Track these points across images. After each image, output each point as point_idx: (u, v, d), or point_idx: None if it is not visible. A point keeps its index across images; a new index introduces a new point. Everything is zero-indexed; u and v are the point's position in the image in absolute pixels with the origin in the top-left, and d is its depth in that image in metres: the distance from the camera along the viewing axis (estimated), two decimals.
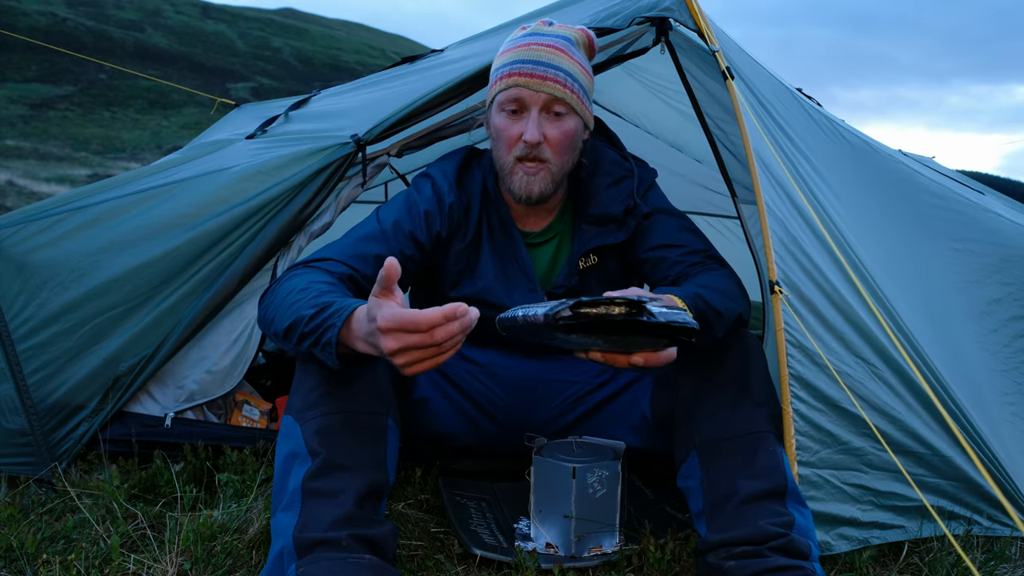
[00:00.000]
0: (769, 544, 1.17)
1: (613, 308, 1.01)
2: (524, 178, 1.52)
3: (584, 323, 1.01)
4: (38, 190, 13.47)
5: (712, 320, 1.29)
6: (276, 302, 1.28)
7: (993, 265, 2.11)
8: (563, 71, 1.49)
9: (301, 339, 1.18)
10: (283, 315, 1.24)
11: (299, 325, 1.18)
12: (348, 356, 1.15)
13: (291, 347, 1.23)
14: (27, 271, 1.75)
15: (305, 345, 1.18)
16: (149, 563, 1.35)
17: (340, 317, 1.12)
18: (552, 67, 1.48)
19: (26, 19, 34.29)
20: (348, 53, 50.05)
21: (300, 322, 1.18)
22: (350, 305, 1.13)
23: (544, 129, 1.49)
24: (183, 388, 1.87)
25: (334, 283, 1.33)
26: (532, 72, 1.48)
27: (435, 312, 0.97)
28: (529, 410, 1.68)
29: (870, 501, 1.44)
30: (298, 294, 1.25)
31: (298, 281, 1.30)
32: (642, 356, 1.14)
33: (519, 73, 1.49)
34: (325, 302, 1.18)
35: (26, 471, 1.71)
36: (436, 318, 0.97)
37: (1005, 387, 1.91)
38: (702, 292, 1.31)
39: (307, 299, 1.21)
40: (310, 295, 1.22)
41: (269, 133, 2.19)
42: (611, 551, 1.43)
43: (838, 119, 2.35)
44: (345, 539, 1.12)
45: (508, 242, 1.64)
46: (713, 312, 1.29)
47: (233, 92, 30.03)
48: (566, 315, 1.01)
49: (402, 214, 1.55)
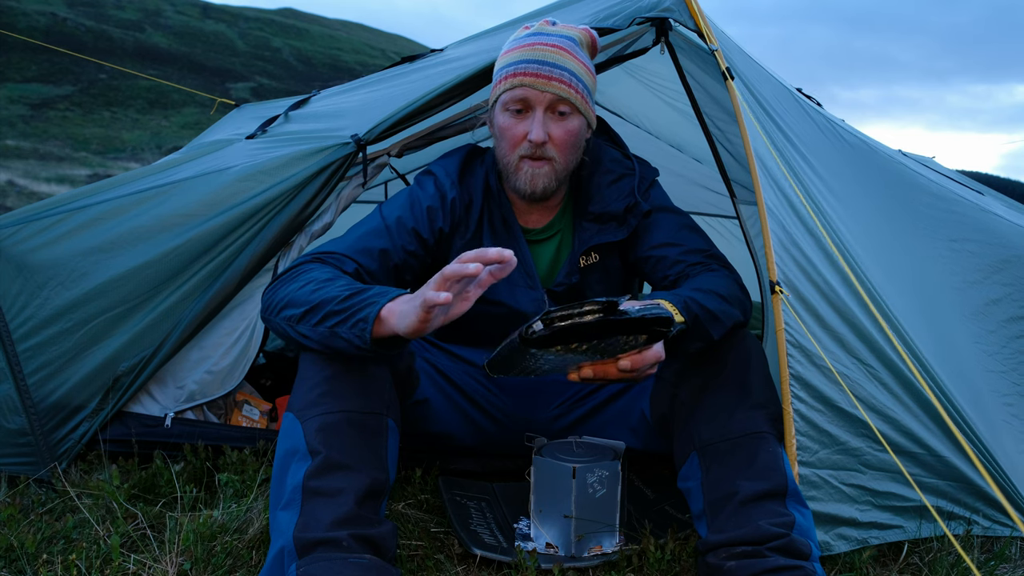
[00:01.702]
0: (769, 544, 1.17)
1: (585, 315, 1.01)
2: (529, 172, 1.53)
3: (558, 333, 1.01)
4: (38, 190, 13.47)
5: (706, 323, 1.28)
6: (291, 288, 1.31)
7: (992, 266, 2.11)
8: (568, 71, 1.49)
9: (327, 317, 1.21)
10: (303, 298, 1.26)
11: (328, 303, 1.22)
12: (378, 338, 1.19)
13: (307, 328, 1.25)
14: (27, 271, 1.75)
15: (329, 323, 1.21)
16: (149, 563, 1.35)
17: (386, 296, 1.18)
18: (557, 67, 1.49)
19: (26, 19, 34.28)
20: (348, 53, 50.04)
21: (331, 301, 1.22)
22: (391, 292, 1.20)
23: (549, 128, 1.50)
24: (183, 388, 1.87)
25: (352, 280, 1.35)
26: (538, 72, 1.48)
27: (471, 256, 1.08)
28: (529, 410, 1.68)
29: (868, 501, 1.45)
30: (323, 282, 1.28)
31: (318, 273, 1.33)
32: (628, 359, 1.15)
33: (524, 73, 1.49)
34: (361, 287, 1.23)
35: (26, 471, 1.71)
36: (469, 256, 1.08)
37: (1003, 388, 1.91)
38: (696, 295, 1.31)
39: (337, 285, 1.26)
40: (339, 283, 1.27)
41: (269, 133, 2.19)
42: (611, 551, 1.44)
43: (838, 119, 2.35)
44: (345, 539, 1.13)
45: (510, 239, 1.64)
46: (707, 314, 1.29)
47: (233, 92, 30.02)
48: (538, 328, 1.01)
49: (405, 210, 1.56)
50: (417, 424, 1.53)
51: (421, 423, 1.55)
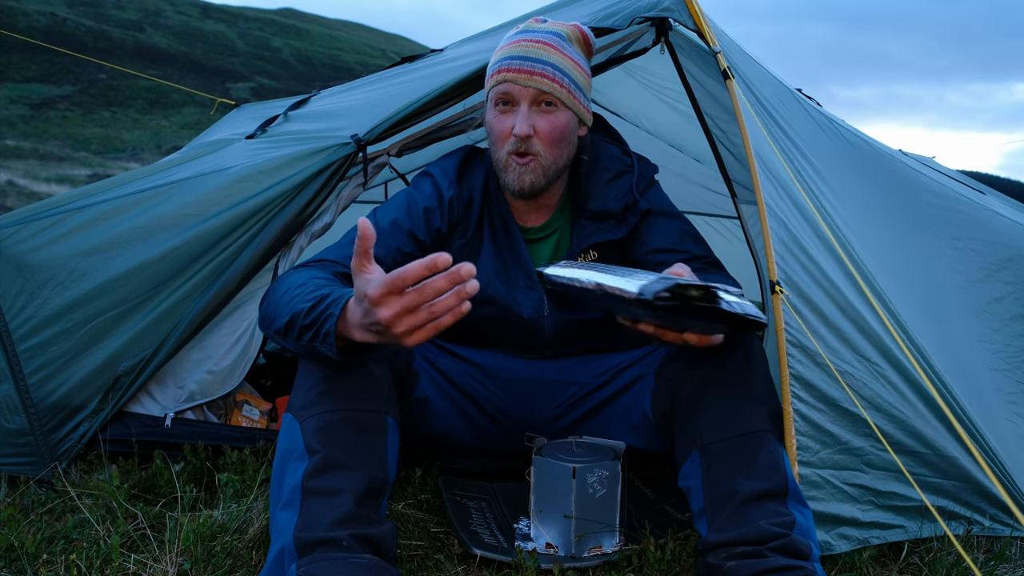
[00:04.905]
0: (769, 544, 1.17)
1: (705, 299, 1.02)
2: (516, 170, 1.54)
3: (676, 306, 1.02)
4: (38, 190, 13.47)
5: None
6: (275, 300, 1.30)
7: (994, 264, 2.11)
8: (551, 65, 1.51)
9: (301, 333, 1.20)
10: (282, 312, 1.25)
11: (298, 319, 1.20)
12: (347, 347, 1.16)
13: (292, 343, 1.24)
14: (27, 271, 1.75)
15: (306, 338, 1.19)
16: (149, 563, 1.35)
17: (337, 306, 1.13)
18: (540, 62, 1.50)
19: (26, 19, 34.28)
20: (348, 53, 50.04)
21: (299, 316, 1.20)
22: (346, 294, 1.15)
23: (534, 123, 1.51)
24: (184, 388, 1.87)
25: (330, 279, 1.34)
26: (520, 67, 1.50)
27: (417, 265, 0.98)
28: (529, 410, 1.68)
29: (870, 501, 1.44)
30: (296, 290, 1.26)
31: (295, 279, 1.31)
32: (695, 336, 1.20)
33: (508, 69, 1.52)
34: (322, 295, 1.19)
35: (26, 471, 1.71)
36: (419, 270, 0.98)
37: (1007, 386, 1.90)
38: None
39: (304, 294, 1.23)
40: (307, 290, 1.24)
41: (269, 133, 2.19)
42: (611, 551, 1.43)
43: (838, 119, 2.35)
44: (346, 539, 1.12)
45: (508, 239, 1.64)
46: None
47: (233, 92, 30.03)
48: (665, 296, 1.01)
49: (401, 212, 1.56)
50: (417, 424, 1.53)
51: (421, 423, 1.55)
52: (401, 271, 0.99)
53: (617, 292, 1.06)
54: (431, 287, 0.99)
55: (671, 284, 1.02)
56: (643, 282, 1.04)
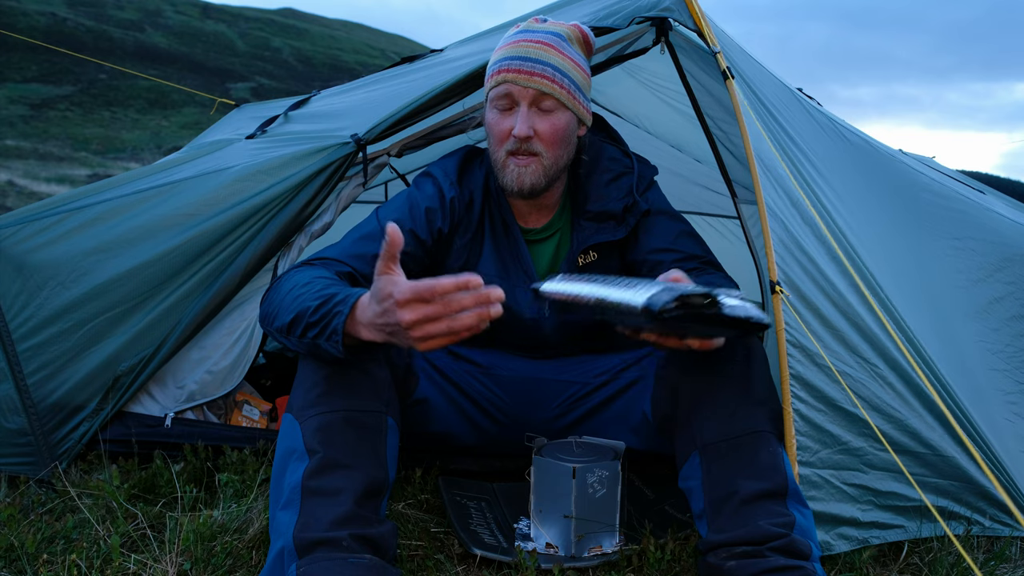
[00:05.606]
0: (770, 544, 1.17)
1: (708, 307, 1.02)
2: (515, 170, 1.53)
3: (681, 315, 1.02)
4: (38, 190, 13.46)
5: None
6: (279, 298, 1.30)
7: (994, 264, 2.11)
8: (551, 66, 1.50)
9: (306, 330, 1.20)
10: (287, 309, 1.25)
11: (304, 316, 1.20)
12: (353, 346, 1.17)
13: (295, 341, 1.24)
14: (27, 271, 1.75)
15: (311, 336, 1.20)
16: (149, 563, 1.35)
17: (347, 304, 1.15)
18: (540, 63, 1.50)
19: (26, 19, 34.28)
20: (348, 53, 50.03)
21: (305, 313, 1.20)
22: (355, 293, 1.16)
23: (534, 123, 1.51)
24: (183, 388, 1.87)
25: (334, 278, 1.34)
26: (520, 68, 1.50)
27: (449, 280, 1.01)
28: (529, 410, 1.68)
29: (870, 501, 1.44)
30: (302, 288, 1.27)
31: (300, 277, 1.32)
32: (697, 340, 1.19)
33: (507, 69, 1.51)
34: (330, 293, 1.20)
35: (26, 471, 1.71)
36: (450, 286, 1.01)
37: (1007, 386, 1.90)
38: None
39: (311, 292, 1.24)
40: (314, 288, 1.25)
41: (269, 133, 2.19)
42: (611, 551, 1.43)
43: (839, 119, 2.34)
44: (345, 539, 1.12)
45: (509, 239, 1.64)
46: None
47: (233, 92, 30.04)
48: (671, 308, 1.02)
49: (403, 212, 1.56)
50: (417, 424, 1.53)
51: (421, 423, 1.55)
52: (433, 282, 1.01)
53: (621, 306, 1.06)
54: (457, 302, 1.01)
55: (676, 295, 1.01)
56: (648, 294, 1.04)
